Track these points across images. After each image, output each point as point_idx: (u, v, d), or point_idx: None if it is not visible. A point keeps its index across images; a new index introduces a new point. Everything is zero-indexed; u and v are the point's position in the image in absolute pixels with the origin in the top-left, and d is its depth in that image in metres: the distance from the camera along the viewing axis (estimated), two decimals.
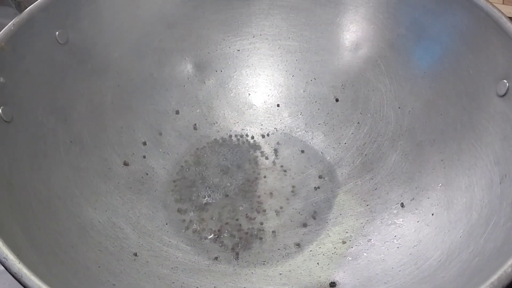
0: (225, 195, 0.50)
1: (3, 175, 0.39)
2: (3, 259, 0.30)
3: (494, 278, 0.29)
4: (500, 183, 0.39)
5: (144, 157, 0.52)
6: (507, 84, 0.42)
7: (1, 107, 0.40)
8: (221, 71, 0.57)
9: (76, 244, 0.41)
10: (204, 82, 0.57)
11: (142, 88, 0.54)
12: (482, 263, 0.34)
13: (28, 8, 0.45)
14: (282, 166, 0.53)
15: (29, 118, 0.43)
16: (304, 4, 0.55)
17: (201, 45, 0.57)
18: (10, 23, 0.44)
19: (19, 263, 0.30)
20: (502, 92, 0.42)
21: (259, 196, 0.50)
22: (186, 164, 0.53)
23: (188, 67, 0.56)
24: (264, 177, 0.52)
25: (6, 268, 0.30)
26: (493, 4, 0.45)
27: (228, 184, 0.52)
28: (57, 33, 0.47)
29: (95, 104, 0.50)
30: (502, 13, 0.44)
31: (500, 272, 0.29)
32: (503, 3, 0.58)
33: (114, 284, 0.39)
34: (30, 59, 0.45)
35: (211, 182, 0.52)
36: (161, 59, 0.55)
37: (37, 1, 0.46)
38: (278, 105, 0.57)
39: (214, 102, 0.57)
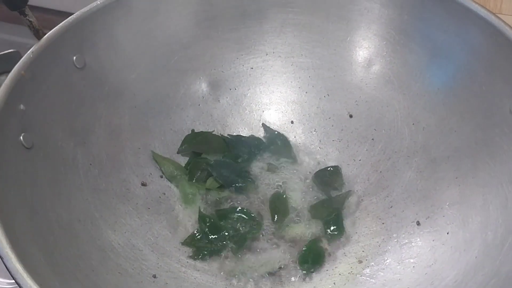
0: None
1: (25, 201, 0.40)
2: None
3: None
4: None
5: (161, 176, 0.53)
6: None
7: (22, 134, 0.42)
8: (235, 89, 0.58)
9: (97, 267, 0.42)
10: (219, 101, 0.58)
11: (158, 109, 0.55)
12: (498, 285, 0.34)
13: (46, 35, 0.47)
14: None
15: (49, 143, 0.45)
16: (316, 22, 0.56)
17: (215, 64, 0.57)
18: (29, 51, 0.45)
19: None
20: None
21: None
22: None
23: (202, 86, 0.57)
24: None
25: None
26: (505, 21, 0.45)
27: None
28: (74, 58, 0.48)
29: (113, 126, 0.51)
30: None
31: None
32: None
33: None
34: (49, 85, 0.46)
35: None
36: (177, 79, 0.56)
37: (55, 28, 0.47)
38: (292, 122, 0.57)
39: (228, 120, 0.57)
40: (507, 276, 0.34)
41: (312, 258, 0.47)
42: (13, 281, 0.51)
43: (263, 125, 0.57)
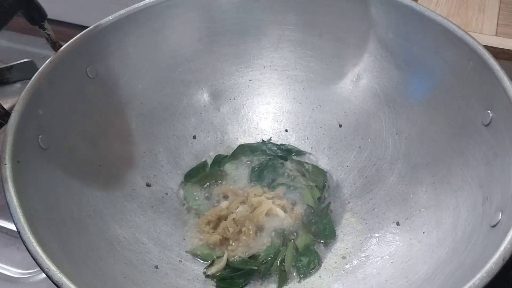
0: None
1: (42, 197, 0.44)
2: (46, 269, 0.35)
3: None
4: (482, 205, 0.43)
5: (164, 178, 0.57)
6: (491, 115, 0.46)
7: (40, 136, 0.46)
8: (234, 99, 0.63)
9: (104, 257, 0.46)
10: (219, 110, 0.62)
11: (163, 116, 0.59)
12: (461, 276, 0.38)
13: (62, 47, 0.51)
14: None
15: (63, 145, 0.49)
16: (310, 39, 0.60)
17: (216, 76, 0.62)
18: (47, 61, 0.50)
19: (60, 273, 0.35)
20: (487, 121, 0.47)
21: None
22: None
23: (204, 96, 0.62)
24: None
25: (48, 277, 0.35)
26: (478, 41, 0.49)
27: None
28: (87, 68, 0.53)
29: (121, 131, 0.56)
30: (486, 49, 0.48)
31: (469, 284, 0.33)
32: (495, 35, 0.62)
33: None
34: (64, 92, 0.51)
35: None
36: (180, 89, 0.61)
37: (70, 41, 0.52)
38: (286, 130, 0.62)
39: (228, 127, 0.62)
40: (469, 267, 0.38)
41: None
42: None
43: None
